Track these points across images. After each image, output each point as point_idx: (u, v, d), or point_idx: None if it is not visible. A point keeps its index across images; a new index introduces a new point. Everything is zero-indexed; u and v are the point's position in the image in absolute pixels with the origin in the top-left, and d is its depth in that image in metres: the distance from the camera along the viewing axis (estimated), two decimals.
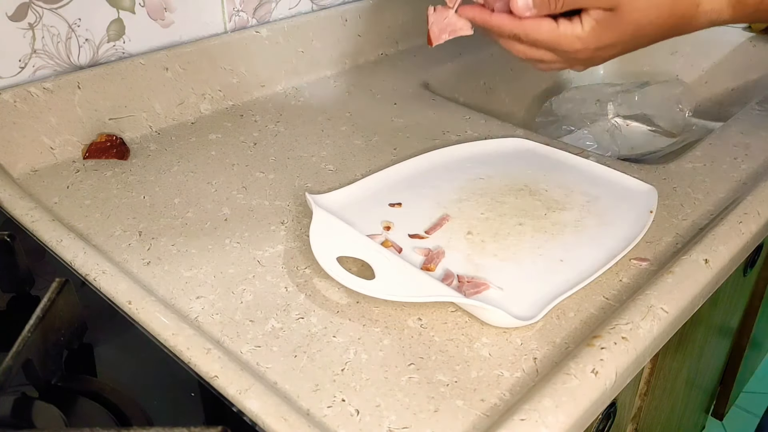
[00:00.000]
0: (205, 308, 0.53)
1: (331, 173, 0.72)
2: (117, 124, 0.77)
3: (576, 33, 0.53)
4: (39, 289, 0.54)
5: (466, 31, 0.59)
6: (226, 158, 0.75)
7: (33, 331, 0.43)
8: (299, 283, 0.56)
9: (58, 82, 0.71)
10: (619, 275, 0.56)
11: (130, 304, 0.51)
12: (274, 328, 0.51)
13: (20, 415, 0.42)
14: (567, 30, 0.53)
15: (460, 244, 0.59)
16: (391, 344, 0.50)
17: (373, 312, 0.52)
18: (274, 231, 0.62)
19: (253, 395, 0.43)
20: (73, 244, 0.57)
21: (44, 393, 0.44)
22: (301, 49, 0.93)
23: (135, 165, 0.73)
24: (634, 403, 0.72)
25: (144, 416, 0.43)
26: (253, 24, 0.89)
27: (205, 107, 0.84)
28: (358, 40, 1.00)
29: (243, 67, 0.87)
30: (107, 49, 0.77)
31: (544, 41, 0.54)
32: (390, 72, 0.98)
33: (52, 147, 0.72)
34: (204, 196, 0.68)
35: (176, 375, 0.46)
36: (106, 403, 0.44)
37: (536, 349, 0.49)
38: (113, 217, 0.64)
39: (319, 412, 0.44)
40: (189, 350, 0.47)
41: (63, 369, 0.47)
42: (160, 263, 0.58)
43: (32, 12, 0.69)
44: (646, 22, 0.53)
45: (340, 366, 0.48)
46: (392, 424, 0.43)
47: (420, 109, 0.87)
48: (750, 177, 0.71)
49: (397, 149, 0.77)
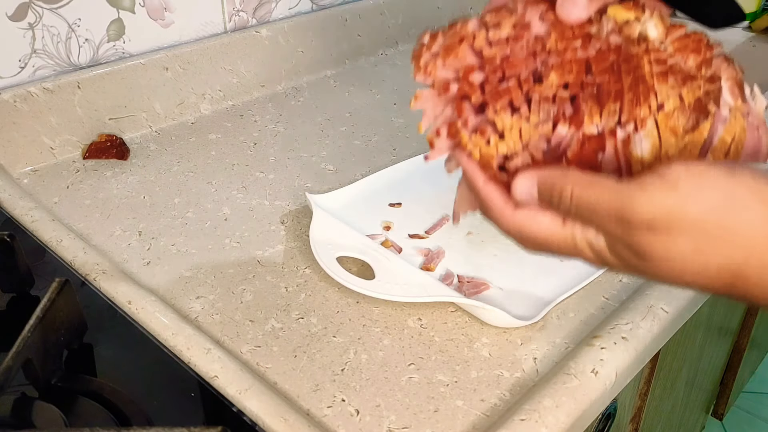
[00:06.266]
0: (205, 308, 0.53)
1: (331, 173, 0.72)
2: (117, 124, 0.77)
3: (583, 240, 0.36)
4: (39, 289, 0.54)
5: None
6: (226, 158, 0.75)
7: (33, 331, 0.43)
8: (299, 283, 0.56)
9: (58, 82, 0.71)
10: (619, 275, 0.56)
11: (130, 304, 0.51)
12: (274, 328, 0.51)
13: (20, 415, 0.42)
14: (570, 233, 0.36)
15: (460, 244, 0.59)
16: (391, 344, 0.50)
17: (373, 312, 0.52)
18: (274, 231, 0.62)
19: (253, 395, 0.43)
20: (73, 244, 0.57)
21: (44, 393, 0.44)
22: (301, 49, 0.93)
23: (135, 165, 0.73)
24: (634, 403, 0.72)
25: (144, 416, 0.43)
26: (253, 24, 0.89)
27: (205, 107, 0.84)
28: (358, 40, 1.00)
29: (243, 67, 0.87)
30: (107, 49, 0.77)
31: (537, 239, 0.37)
32: (390, 72, 0.98)
33: (52, 147, 0.72)
34: (204, 196, 0.68)
35: (176, 375, 0.46)
36: (106, 403, 0.44)
37: (536, 349, 0.49)
38: (113, 217, 0.64)
39: (319, 412, 0.44)
40: (189, 350, 0.47)
41: (63, 369, 0.47)
42: (160, 263, 0.58)
43: (32, 12, 0.69)
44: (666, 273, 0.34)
45: (340, 366, 0.48)
46: (392, 424, 0.43)
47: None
48: None
49: (397, 149, 0.77)
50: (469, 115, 0.36)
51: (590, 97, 0.34)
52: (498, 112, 0.35)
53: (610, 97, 0.34)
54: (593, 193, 0.33)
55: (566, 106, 0.34)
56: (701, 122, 0.34)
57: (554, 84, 0.34)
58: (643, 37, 0.35)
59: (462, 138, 0.36)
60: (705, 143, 0.34)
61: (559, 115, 0.35)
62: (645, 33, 0.36)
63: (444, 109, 0.38)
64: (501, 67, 0.35)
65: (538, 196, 0.35)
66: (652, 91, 0.34)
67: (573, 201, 0.33)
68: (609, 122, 0.34)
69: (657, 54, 0.35)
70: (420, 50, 0.38)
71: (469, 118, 0.36)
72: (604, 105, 0.34)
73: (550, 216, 0.35)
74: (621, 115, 0.34)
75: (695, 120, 0.34)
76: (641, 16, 0.36)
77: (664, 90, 0.34)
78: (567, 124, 0.34)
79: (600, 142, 0.34)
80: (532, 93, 0.35)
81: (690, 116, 0.34)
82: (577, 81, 0.34)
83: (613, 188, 0.32)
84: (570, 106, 0.34)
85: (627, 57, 0.34)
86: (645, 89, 0.34)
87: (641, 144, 0.34)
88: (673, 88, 0.34)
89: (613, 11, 0.36)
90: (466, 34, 0.37)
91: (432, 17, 1.09)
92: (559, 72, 0.35)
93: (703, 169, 0.31)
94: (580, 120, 0.34)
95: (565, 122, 0.34)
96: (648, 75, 0.34)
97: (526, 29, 0.36)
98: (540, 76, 0.35)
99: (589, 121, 0.34)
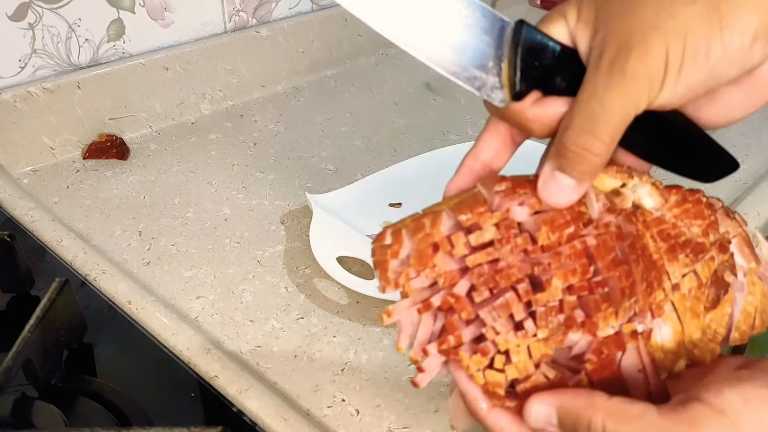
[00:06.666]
0: (205, 308, 0.53)
1: (331, 173, 0.72)
2: (117, 124, 0.77)
3: None
4: (39, 289, 0.54)
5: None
6: (226, 158, 0.75)
7: (33, 331, 0.43)
8: (299, 283, 0.56)
9: (58, 82, 0.71)
10: None
11: (130, 304, 0.51)
12: (274, 328, 0.51)
13: (20, 415, 0.42)
14: None
15: None
16: (391, 344, 0.50)
17: (373, 312, 0.52)
18: (274, 231, 0.62)
19: (253, 395, 0.43)
20: (73, 244, 0.57)
21: (44, 393, 0.44)
22: (301, 49, 0.93)
23: (135, 165, 0.73)
24: None
25: (144, 416, 0.43)
26: (253, 24, 0.89)
27: (205, 107, 0.84)
28: (358, 40, 1.00)
29: (243, 67, 0.87)
30: (107, 49, 0.77)
31: None
32: (390, 72, 0.98)
33: (52, 147, 0.72)
34: (204, 196, 0.68)
35: (176, 375, 0.46)
36: (106, 403, 0.44)
37: None
38: (113, 217, 0.64)
39: (319, 412, 0.44)
40: (189, 350, 0.47)
41: (63, 369, 0.47)
42: (160, 263, 0.58)
43: (32, 12, 0.69)
44: None
45: (340, 366, 0.48)
46: (392, 424, 0.43)
47: (420, 109, 0.87)
48: (750, 177, 0.71)
49: (397, 149, 0.77)
50: (462, 331, 0.30)
51: (601, 298, 0.29)
52: (499, 332, 0.30)
53: (624, 295, 0.29)
54: (633, 429, 0.27)
55: (576, 312, 0.30)
56: (721, 297, 0.31)
57: (558, 289, 0.29)
58: (637, 206, 0.32)
59: (461, 360, 0.30)
60: (729, 319, 0.32)
61: (570, 323, 0.30)
62: (638, 202, 0.32)
63: (424, 322, 0.32)
64: (492, 278, 0.30)
65: (558, 424, 0.30)
66: (663, 273, 0.30)
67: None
68: (624, 319, 0.30)
69: (658, 226, 0.31)
70: (383, 255, 0.31)
71: (463, 333, 0.30)
72: (619, 304, 0.29)
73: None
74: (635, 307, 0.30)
75: (715, 295, 0.31)
76: (628, 181, 0.32)
77: (677, 269, 0.31)
78: (579, 331, 0.30)
79: (618, 343, 0.30)
80: (535, 305, 0.29)
81: (708, 292, 0.31)
82: (582, 282, 0.29)
83: (658, 425, 0.27)
84: (581, 311, 0.30)
85: (631, 241, 0.30)
86: (657, 274, 0.30)
87: (660, 331, 0.30)
88: (686, 265, 0.31)
89: (600, 179, 0.32)
90: (440, 240, 0.30)
91: None
92: (561, 274, 0.29)
93: (763, 397, 0.26)
94: (594, 324, 0.29)
95: (577, 330, 0.30)
96: (655, 254, 0.30)
97: (512, 227, 0.30)
98: (538, 280, 0.30)
99: (604, 325, 0.29)
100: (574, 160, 0.29)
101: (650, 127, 0.31)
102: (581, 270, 0.29)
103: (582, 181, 0.30)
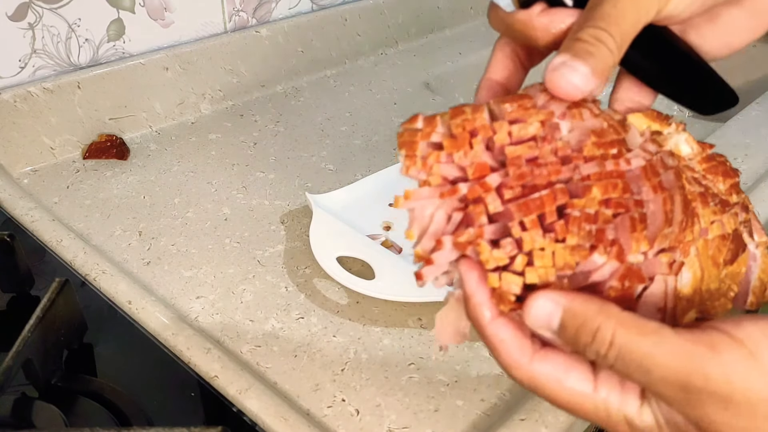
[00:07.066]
0: (205, 308, 0.53)
1: (331, 173, 0.72)
2: (117, 124, 0.77)
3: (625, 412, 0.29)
4: (39, 289, 0.54)
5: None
6: (226, 158, 0.75)
7: (33, 331, 0.43)
8: (299, 283, 0.56)
9: (58, 82, 0.71)
10: None
11: (130, 304, 0.51)
12: (274, 328, 0.51)
13: (20, 415, 0.42)
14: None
15: None
16: (391, 344, 0.50)
17: (373, 312, 0.52)
18: (274, 231, 0.62)
19: (253, 395, 0.43)
20: (73, 244, 0.57)
21: (44, 393, 0.44)
22: (301, 49, 0.93)
23: (135, 165, 0.73)
24: None
25: (144, 416, 0.43)
26: (253, 24, 0.89)
27: (205, 107, 0.84)
28: (358, 39, 1.00)
29: (243, 67, 0.87)
30: (107, 49, 0.77)
31: (557, 402, 0.30)
32: (390, 72, 0.98)
33: (52, 147, 0.72)
34: (204, 196, 0.68)
35: (176, 375, 0.46)
36: (106, 403, 0.44)
37: None
38: (113, 217, 0.64)
39: (319, 412, 0.44)
40: (189, 350, 0.47)
41: (63, 369, 0.47)
42: (160, 263, 0.58)
43: (32, 12, 0.69)
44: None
45: (340, 366, 0.48)
46: (392, 423, 0.43)
47: (419, 108, 0.87)
48: (750, 177, 0.71)
49: (397, 149, 0.77)
50: (484, 226, 0.28)
51: (639, 217, 0.27)
52: (528, 228, 0.27)
53: (665, 221, 0.27)
54: (646, 344, 0.25)
55: (608, 227, 0.27)
56: (739, 254, 0.30)
57: (596, 200, 0.27)
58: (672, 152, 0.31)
59: (481, 251, 0.28)
60: (743, 279, 0.31)
61: (601, 237, 0.27)
62: (677, 148, 0.31)
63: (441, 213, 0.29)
64: (530, 173, 0.28)
65: (559, 328, 0.27)
66: (695, 215, 0.29)
67: (614, 348, 0.26)
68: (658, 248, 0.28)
69: (691, 172, 0.30)
70: (412, 136, 0.29)
71: (485, 229, 0.28)
72: (658, 229, 0.27)
73: (577, 374, 0.28)
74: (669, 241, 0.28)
75: (734, 251, 0.30)
76: (665, 129, 0.31)
77: (707, 215, 0.29)
78: (605, 254, 0.27)
79: (641, 275, 0.28)
80: (570, 208, 0.27)
81: (729, 246, 0.30)
82: (621, 198, 0.27)
83: (676, 344, 0.25)
84: (613, 228, 0.27)
85: (676, 170, 0.29)
86: (691, 213, 0.28)
87: (682, 275, 0.28)
88: (715, 213, 0.29)
89: (638, 119, 0.31)
90: (480, 126, 0.28)
91: (432, 17, 1.09)
92: (602, 185, 0.27)
93: None
94: (623, 249, 0.27)
95: (605, 250, 0.27)
96: (689, 195, 0.29)
97: (557, 129, 0.29)
98: (575, 189, 0.28)
99: (636, 248, 0.27)
100: (586, 50, 0.29)
101: (656, 49, 0.32)
102: (623, 185, 0.27)
103: (594, 73, 0.29)
